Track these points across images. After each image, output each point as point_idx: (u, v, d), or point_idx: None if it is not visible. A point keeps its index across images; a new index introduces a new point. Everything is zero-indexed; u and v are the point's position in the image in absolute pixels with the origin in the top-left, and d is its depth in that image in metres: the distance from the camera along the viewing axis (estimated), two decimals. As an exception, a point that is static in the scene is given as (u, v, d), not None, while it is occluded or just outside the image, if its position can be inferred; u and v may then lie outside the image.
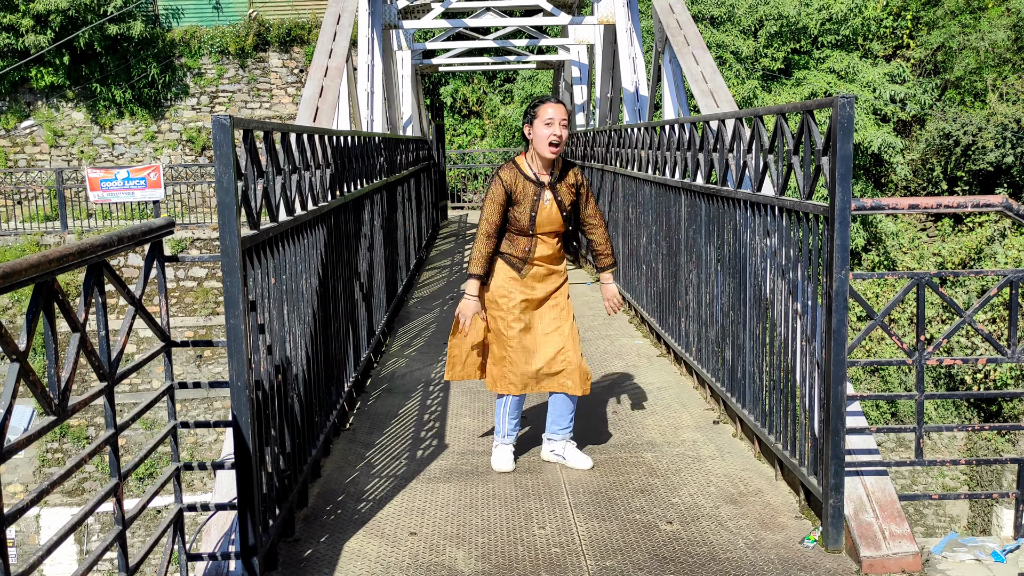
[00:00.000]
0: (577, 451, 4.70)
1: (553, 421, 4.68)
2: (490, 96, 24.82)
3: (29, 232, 18.01)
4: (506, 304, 4.48)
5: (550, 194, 4.45)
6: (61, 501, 16.76)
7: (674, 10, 9.73)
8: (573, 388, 4.50)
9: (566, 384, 4.50)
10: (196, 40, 21.97)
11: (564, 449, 4.68)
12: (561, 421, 4.65)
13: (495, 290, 4.52)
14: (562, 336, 4.50)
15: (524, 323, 4.49)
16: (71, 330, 2.51)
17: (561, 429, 4.67)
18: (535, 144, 4.40)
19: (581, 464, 4.63)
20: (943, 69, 20.99)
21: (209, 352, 17.44)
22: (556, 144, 4.34)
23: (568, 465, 4.65)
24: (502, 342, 4.51)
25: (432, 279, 11.47)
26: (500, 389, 4.56)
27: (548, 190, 4.44)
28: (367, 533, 3.92)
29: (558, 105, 4.38)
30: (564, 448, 4.68)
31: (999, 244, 18.44)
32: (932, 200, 4.00)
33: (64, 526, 2.40)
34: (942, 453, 17.38)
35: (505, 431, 4.68)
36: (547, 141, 4.34)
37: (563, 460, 4.68)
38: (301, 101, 8.46)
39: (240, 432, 3.23)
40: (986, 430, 4.28)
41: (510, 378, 4.52)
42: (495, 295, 4.52)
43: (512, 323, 4.47)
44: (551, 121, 4.33)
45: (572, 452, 4.68)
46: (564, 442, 4.69)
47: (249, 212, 3.50)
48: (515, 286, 4.50)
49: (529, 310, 4.51)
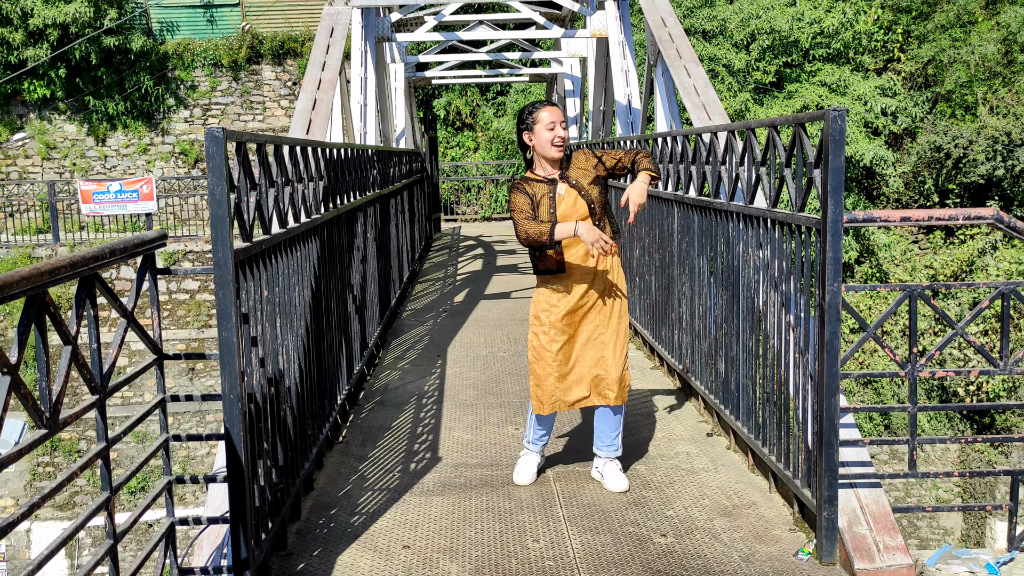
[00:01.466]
0: (616, 471, 4.54)
1: (598, 437, 4.57)
2: (483, 109, 24.88)
3: (21, 245, 17.97)
4: (547, 318, 4.37)
5: (564, 185, 4.36)
6: (52, 515, 16.66)
7: (666, 23, 9.78)
8: (611, 399, 4.40)
9: (606, 395, 4.40)
10: (189, 53, 22.00)
11: (604, 466, 4.58)
12: (604, 438, 4.54)
13: (537, 304, 4.44)
14: (601, 344, 4.39)
15: (568, 335, 4.38)
16: (63, 343, 2.50)
17: (606, 446, 4.55)
18: (538, 148, 4.37)
19: (614, 486, 4.48)
20: (934, 82, 21.11)
21: (202, 365, 17.39)
22: (560, 144, 4.33)
23: (604, 485, 4.53)
24: (543, 360, 4.42)
25: (426, 291, 11.46)
26: (535, 408, 4.50)
27: (561, 182, 4.37)
28: (360, 547, 3.90)
29: (553, 108, 4.39)
30: (605, 466, 4.58)
31: (991, 256, 18.51)
32: (924, 213, 4.02)
33: (55, 540, 2.39)
34: (936, 465, 17.40)
35: (531, 438, 4.63)
36: (550, 142, 4.33)
37: (601, 479, 4.58)
38: (294, 113, 8.46)
39: (232, 445, 3.22)
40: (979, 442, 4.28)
41: (539, 395, 4.46)
42: (537, 310, 4.43)
43: (556, 337, 4.36)
44: (552, 125, 4.33)
45: (610, 471, 4.55)
46: (607, 460, 4.57)
47: (242, 224, 3.49)
48: (557, 299, 4.37)
49: (574, 323, 4.39)
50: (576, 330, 4.40)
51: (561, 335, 4.37)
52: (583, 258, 4.36)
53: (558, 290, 4.38)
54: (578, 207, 4.34)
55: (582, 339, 4.41)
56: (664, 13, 10.00)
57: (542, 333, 4.41)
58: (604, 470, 4.57)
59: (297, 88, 21.97)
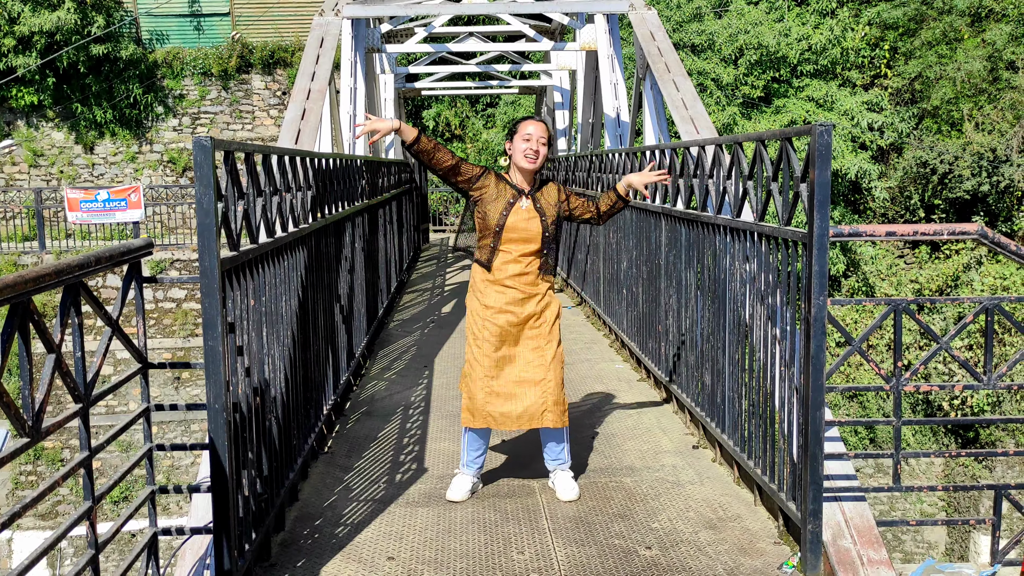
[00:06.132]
0: (568, 480, 4.58)
1: (546, 453, 4.62)
2: (472, 120, 24.92)
3: (6, 252, 17.86)
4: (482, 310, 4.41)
5: (529, 202, 4.41)
6: (34, 524, 16.51)
7: (655, 38, 9.83)
8: (553, 422, 4.41)
9: (546, 419, 4.41)
10: (179, 61, 21.97)
11: (556, 476, 4.61)
12: (551, 453, 4.59)
13: (476, 285, 4.47)
14: (542, 367, 4.40)
15: (500, 351, 4.39)
16: (46, 351, 2.49)
17: (553, 460, 4.60)
18: (514, 157, 4.43)
19: (565, 494, 4.52)
20: (920, 98, 21.28)
21: (187, 374, 17.30)
22: (533, 158, 4.37)
23: (557, 495, 4.56)
24: (474, 353, 4.42)
25: (413, 302, 11.45)
26: (463, 420, 4.50)
27: (527, 198, 4.42)
28: (344, 558, 3.88)
29: (539, 123, 4.43)
30: (556, 476, 4.61)
31: (975, 272, 18.64)
32: (909, 227, 4.04)
33: (36, 550, 2.37)
34: (920, 479, 17.45)
35: (465, 460, 4.60)
36: (523, 153, 4.38)
37: (554, 487, 4.61)
38: (283, 123, 8.46)
39: (217, 455, 3.20)
40: (963, 456, 4.31)
41: (469, 406, 4.45)
42: (476, 289, 4.46)
43: (489, 338, 4.38)
44: (529, 137, 4.38)
45: (561, 480, 4.58)
46: (557, 470, 4.61)
47: (229, 233, 3.49)
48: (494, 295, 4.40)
49: (508, 342, 4.41)
50: (510, 354, 4.42)
51: (494, 338, 4.39)
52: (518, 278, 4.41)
53: (494, 288, 4.42)
54: (531, 225, 4.41)
55: (521, 363, 4.42)
56: (653, 27, 10.06)
57: (475, 312, 4.46)
58: (556, 480, 4.61)
59: (286, 98, 21.96)
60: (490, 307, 4.42)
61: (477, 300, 4.48)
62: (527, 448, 5.27)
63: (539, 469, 4.90)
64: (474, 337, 4.46)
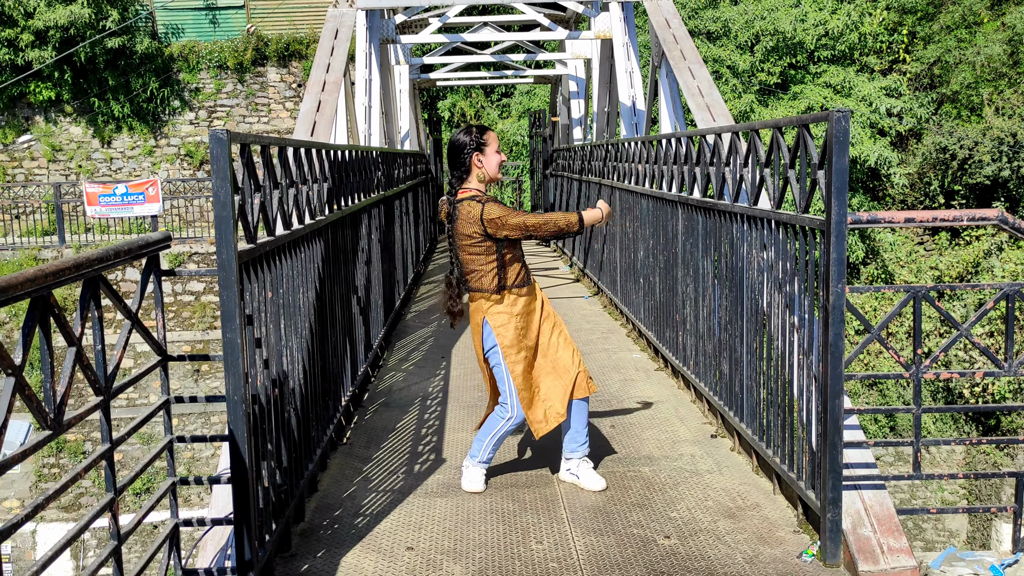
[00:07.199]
0: (591, 471, 4.60)
1: (571, 437, 4.59)
2: (488, 110, 24.90)
3: (26, 246, 18.02)
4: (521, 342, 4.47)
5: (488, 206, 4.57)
6: (57, 516, 16.69)
7: (671, 25, 9.78)
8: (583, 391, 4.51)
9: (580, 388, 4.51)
10: (195, 55, 22.04)
11: (578, 467, 4.60)
12: (578, 436, 4.57)
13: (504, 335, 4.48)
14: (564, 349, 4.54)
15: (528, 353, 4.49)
16: (67, 344, 2.51)
17: (580, 445, 4.58)
18: (488, 168, 4.51)
19: (592, 485, 4.53)
20: (939, 83, 21.08)
21: (206, 366, 17.41)
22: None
23: (581, 486, 4.56)
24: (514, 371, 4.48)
25: (430, 293, 11.47)
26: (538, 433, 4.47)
27: None
28: (364, 548, 3.90)
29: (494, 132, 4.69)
30: (578, 467, 4.60)
31: (996, 258, 18.48)
32: (928, 214, 4.01)
33: (60, 541, 2.39)
34: (941, 467, 17.36)
35: (485, 457, 4.58)
36: (498, 165, 4.58)
37: (577, 480, 4.59)
38: (299, 115, 8.48)
39: (236, 446, 3.22)
40: (984, 444, 4.28)
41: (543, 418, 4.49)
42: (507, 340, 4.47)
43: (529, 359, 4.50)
44: (499, 149, 4.60)
45: (585, 470, 4.59)
46: (579, 460, 4.60)
47: (246, 226, 3.50)
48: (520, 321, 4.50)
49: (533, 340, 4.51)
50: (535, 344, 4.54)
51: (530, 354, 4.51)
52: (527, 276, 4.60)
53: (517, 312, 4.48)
54: None
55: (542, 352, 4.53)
56: (668, 15, 10.01)
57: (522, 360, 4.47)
58: (579, 471, 4.61)
59: (302, 90, 21.99)
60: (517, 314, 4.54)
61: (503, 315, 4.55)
62: (543, 438, 5.27)
63: (556, 459, 4.91)
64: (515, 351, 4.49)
